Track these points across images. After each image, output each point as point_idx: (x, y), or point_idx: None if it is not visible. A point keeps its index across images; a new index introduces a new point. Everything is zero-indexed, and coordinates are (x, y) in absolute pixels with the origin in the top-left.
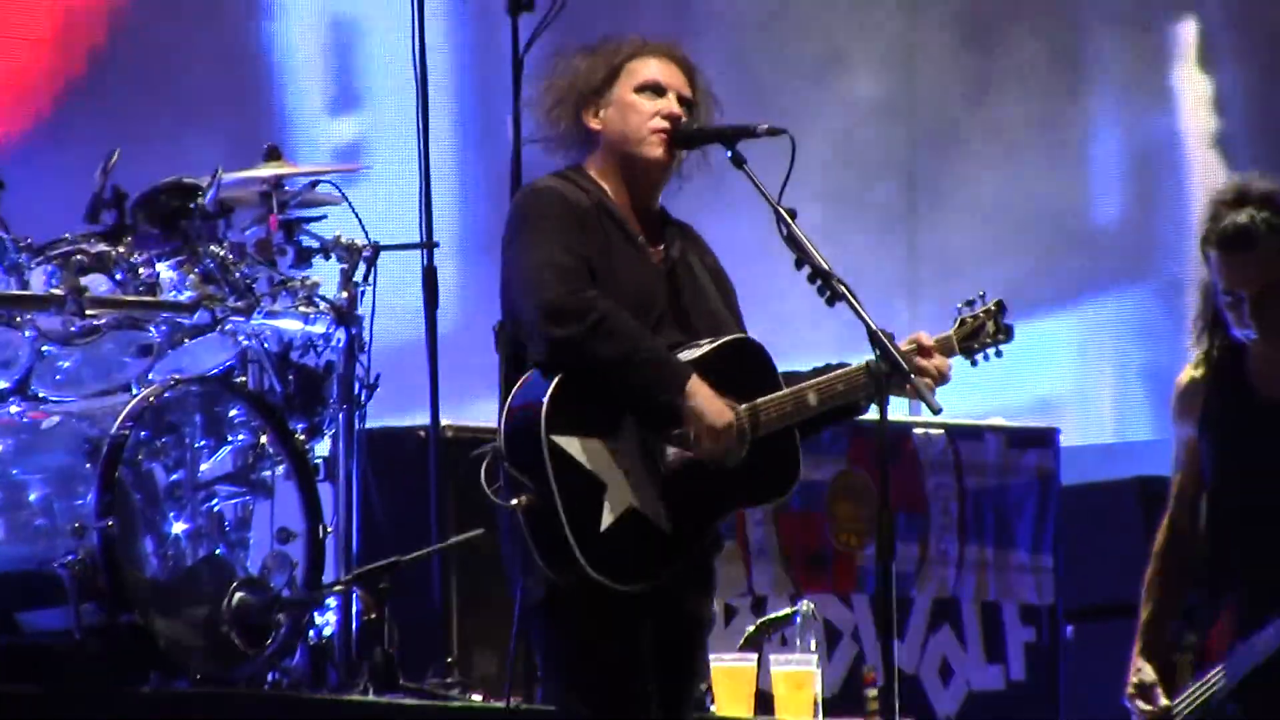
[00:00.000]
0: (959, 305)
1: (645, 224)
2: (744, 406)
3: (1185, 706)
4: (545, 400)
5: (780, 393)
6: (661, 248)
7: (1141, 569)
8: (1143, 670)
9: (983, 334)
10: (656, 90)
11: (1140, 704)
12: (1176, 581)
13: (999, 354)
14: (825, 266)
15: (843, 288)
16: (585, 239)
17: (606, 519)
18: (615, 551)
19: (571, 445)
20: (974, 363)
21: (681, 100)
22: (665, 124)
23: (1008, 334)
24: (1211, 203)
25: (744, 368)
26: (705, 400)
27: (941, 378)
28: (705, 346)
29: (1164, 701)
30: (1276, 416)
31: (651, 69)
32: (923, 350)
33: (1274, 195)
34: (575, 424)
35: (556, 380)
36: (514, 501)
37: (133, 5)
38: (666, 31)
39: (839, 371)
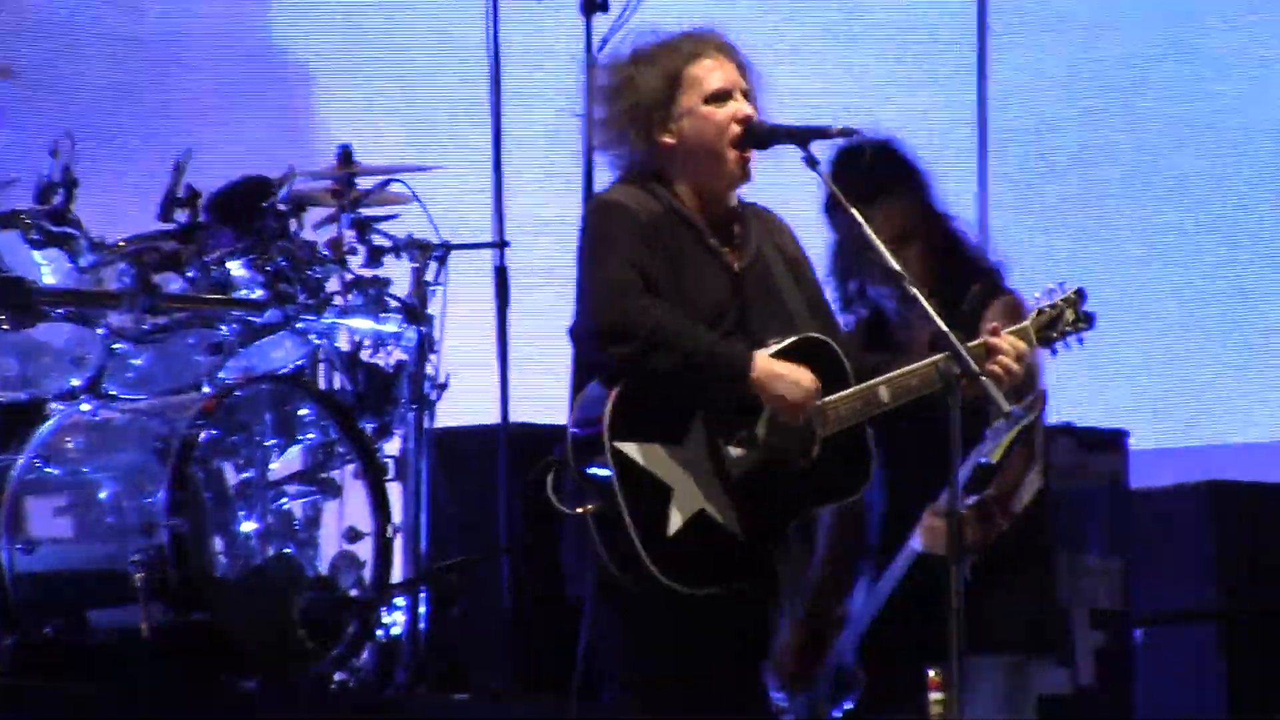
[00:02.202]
0: (1036, 295)
1: (720, 226)
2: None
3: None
4: (608, 407)
5: (850, 390)
6: (738, 249)
7: (1210, 574)
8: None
9: (1061, 322)
10: (723, 97)
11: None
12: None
13: (1080, 342)
14: (897, 268)
15: (914, 290)
16: (651, 252)
17: (674, 523)
18: (685, 556)
19: (636, 451)
20: (1054, 352)
21: (744, 95)
22: (740, 130)
23: (1089, 321)
24: (830, 162)
25: (814, 367)
26: (777, 368)
27: (1012, 378)
28: (772, 348)
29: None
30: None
31: (713, 76)
32: (991, 350)
33: (890, 146)
34: (639, 430)
35: (619, 387)
36: (579, 509)
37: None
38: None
39: (913, 366)
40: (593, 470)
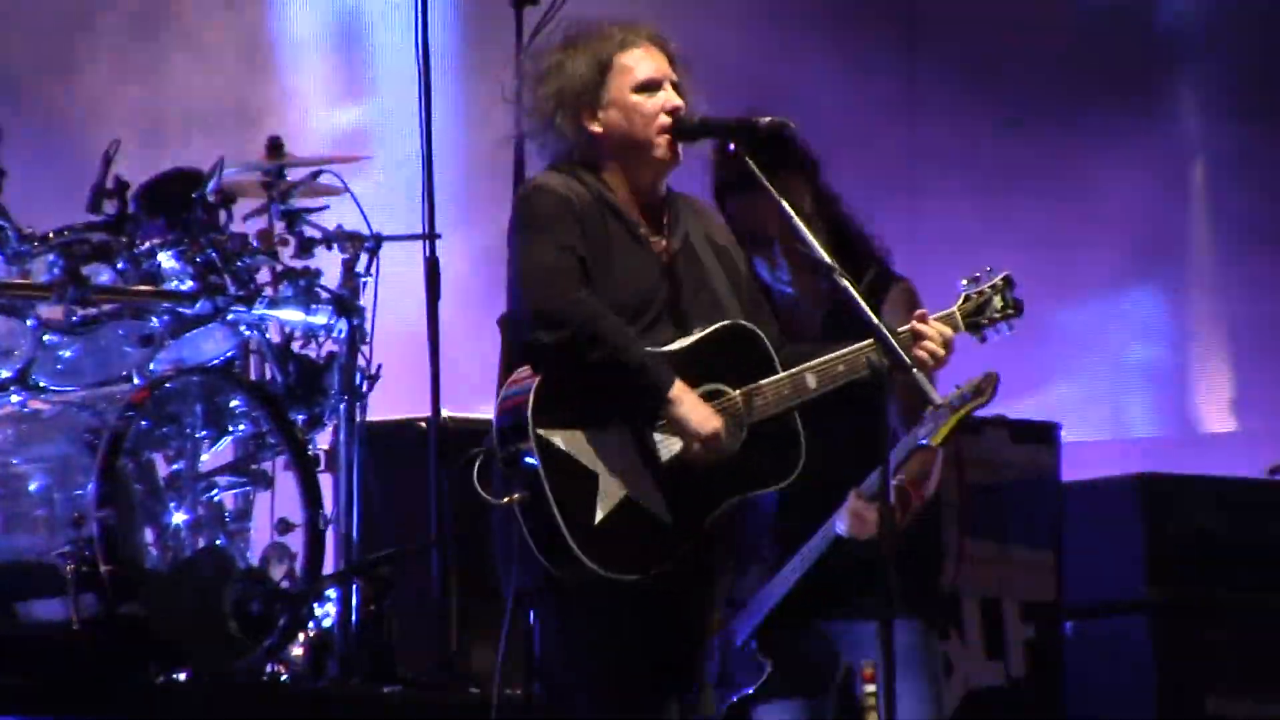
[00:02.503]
0: (964, 281)
1: (649, 214)
2: (739, 391)
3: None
4: (531, 395)
5: (777, 376)
6: (666, 237)
7: (1140, 566)
8: None
9: (989, 309)
10: (653, 87)
11: None
12: None
13: (1010, 328)
14: (827, 260)
15: (844, 281)
16: (582, 237)
17: (601, 510)
18: (612, 542)
19: (560, 438)
20: (983, 339)
21: (673, 86)
22: (669, 120)
23: (1017, 308)
24: (715, 149)
25: (738, 353)
26: (689, 409)
27: (938, 364)
28: (696, 335)
29: None
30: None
31: (643, 65)
32: (917, 336)
33: (784, 131)
34: (563, 417)
35: (542, 375)
36: (506, 499)
37: None
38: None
39: (840, 353)
40: (518, 458)
